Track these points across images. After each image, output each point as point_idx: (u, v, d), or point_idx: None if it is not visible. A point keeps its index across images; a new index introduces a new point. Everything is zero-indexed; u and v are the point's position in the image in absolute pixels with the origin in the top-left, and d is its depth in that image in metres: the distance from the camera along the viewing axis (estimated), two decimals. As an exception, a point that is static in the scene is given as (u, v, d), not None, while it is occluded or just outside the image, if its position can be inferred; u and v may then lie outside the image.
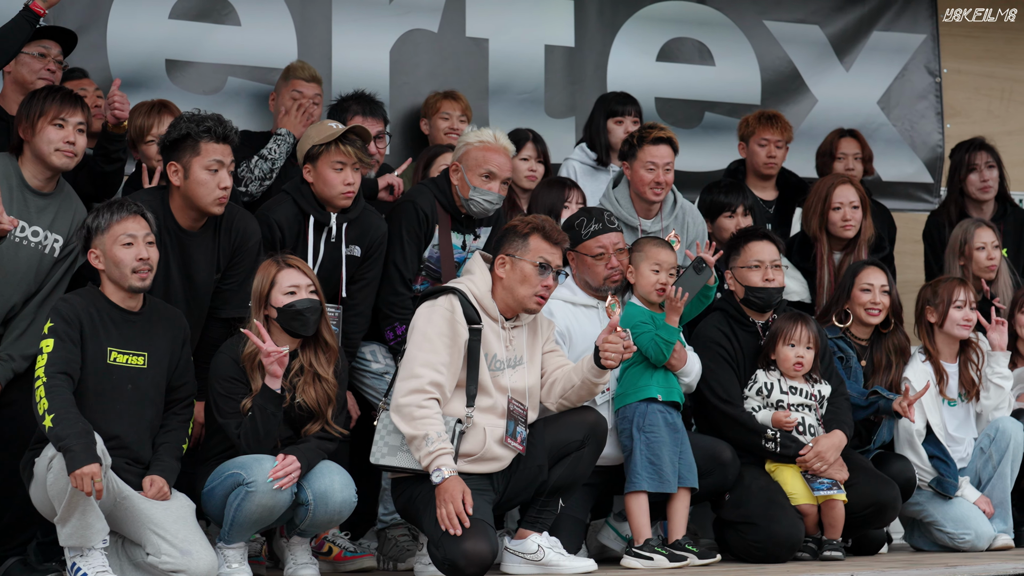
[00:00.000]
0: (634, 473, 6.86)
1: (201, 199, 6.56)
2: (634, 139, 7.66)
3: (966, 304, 7.78)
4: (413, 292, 7.27)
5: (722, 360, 7.29)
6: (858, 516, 7.24)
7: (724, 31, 9.56)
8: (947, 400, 7.79)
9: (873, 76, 9.88)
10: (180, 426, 6.41)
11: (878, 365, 7.71)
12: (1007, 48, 10.27)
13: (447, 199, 7.29)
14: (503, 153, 7.27)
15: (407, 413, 6.35)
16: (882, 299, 7.67)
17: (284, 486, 6.25)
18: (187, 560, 6.06)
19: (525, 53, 9.08)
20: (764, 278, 7.30)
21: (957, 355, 7.85)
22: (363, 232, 7.12)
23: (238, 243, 6.76)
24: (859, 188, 8.31)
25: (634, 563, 6.80)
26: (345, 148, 6.96)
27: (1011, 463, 7.73)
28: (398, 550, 7.25)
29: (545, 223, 6.69)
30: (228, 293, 6.80)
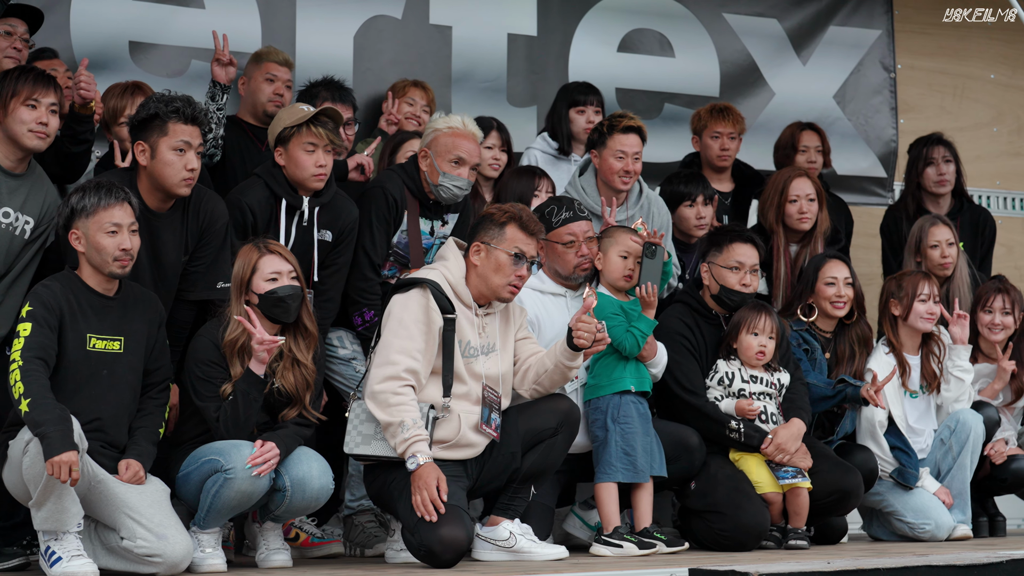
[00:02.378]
0: (608, 464, 6.90)
1: (167, 179, 6.52)
2: (604, 127, 7.69)
3: (930, 298, 7.87)
4: (382, 278, 7.26)
5: (686, 351, 7.34)
6: (821, 504, 7.31)
7: (684, 23, 9.60)
8: (909, 392, 7.88)
9: (829, 70, 9.95)
10: (156, 410, 6.38)
11: (842, 356, 7.79)
12: (960, 45, 10.39)
13: (416, 185, 7.28)
14: (472, 139, 7.27)
15: (383, 400, 6.35)
16: (846, 291, 7.75)
17: (263, 472, 6.24)
18: (162, 544, 6.03)
19: (488, 42, 9.08)
20: (741, 282, 7.36)
21: (919, 348, 7.94)
22: (335, 217, 7.11)
23: (206, 225, 6.72)
24: (815, 181, 8.39)
25: (604, 551, 6.84)
26: (317, 130, 6.94)
27: (970, 455, 7.83)
28: (365, 536, 7.25)
29: (522, 213, 6.71)
30: (195, 275, 6.75)
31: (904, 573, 5.82)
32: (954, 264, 8.41)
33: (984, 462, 8.00)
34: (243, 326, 6.40)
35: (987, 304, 8.22)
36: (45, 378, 5.95)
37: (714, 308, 7.44)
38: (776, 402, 7.31)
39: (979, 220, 9.18)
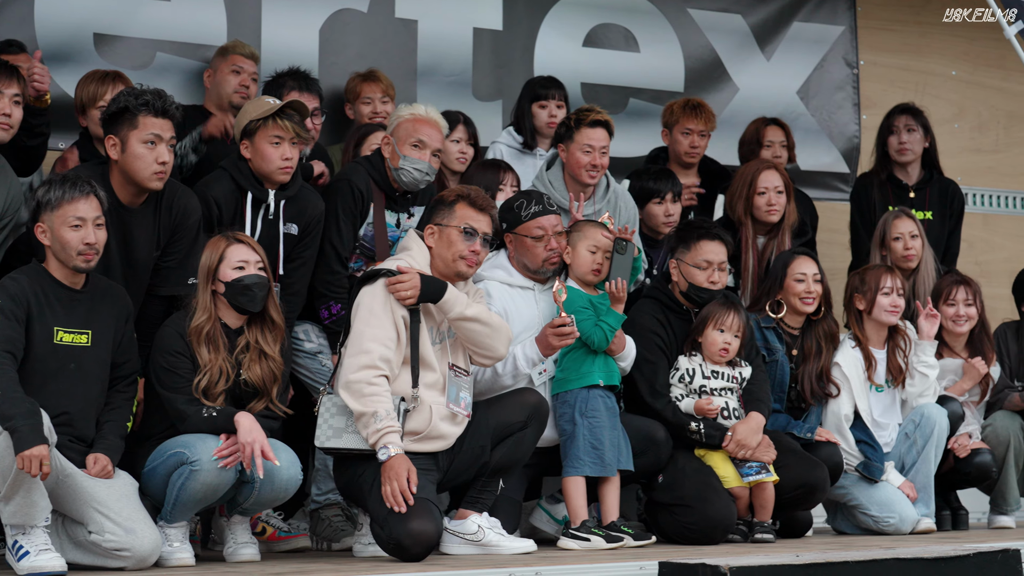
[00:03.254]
0: (576, 458, 6.91)
1: (138, 173, 6.49)
2: (571, 121, 7.69)
3: (893, 291, 7.92)
4: (348, 271, 7.24)
5: (657, 349, 7.34)
6: (787, 497, 7.35)
7: (649, 18, 9.61)
8: (874, 386, 7.92)
9: (793, 66, 9.99)
10: (124, 404, 6.35)
11: (808, 352, 7.82)
12: (922, 42, 10.45)
13: (381, 177, 7.28)
14: (433, 125, 7.29)
15: (356, 390, 6.34)
16: (815, 287, 7.79)
17: (229, 465, 6.22)
18: (131, 538, 6.00)
19: (453, 35, 9.08)
20: (709, 280, 7.37)
21: (885, 341, 7.98)
22: (301, 210, 7.09)
23: (179, 220, 6.69)
24: (783, 174, 8.43)
25: (571, 544, 6.85)
26: (283, 123, 6.92)
27: (935, 449, 7.88)
28: (332, 530, 7.24)
29: (471, 191, 6.77)
30: (167, 271, 6.73)
31: (872, 566, 5.85)
32: (918, 257, 8.46)
33: (948, 456, 8.05)
34: (208, 313, 6.39)
35: (949, 297, 8.28)
36: (13, 371, 5.92)
37: (684, 303, 7.46)
38: (738, 396, 7.33)
39: (948, 192, 9.24)
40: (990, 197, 10.68)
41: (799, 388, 7.79)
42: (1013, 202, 10.75)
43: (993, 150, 10.67)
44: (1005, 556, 6.10)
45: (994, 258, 10.46)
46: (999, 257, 10.50)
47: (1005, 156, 10.73)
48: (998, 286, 9.49)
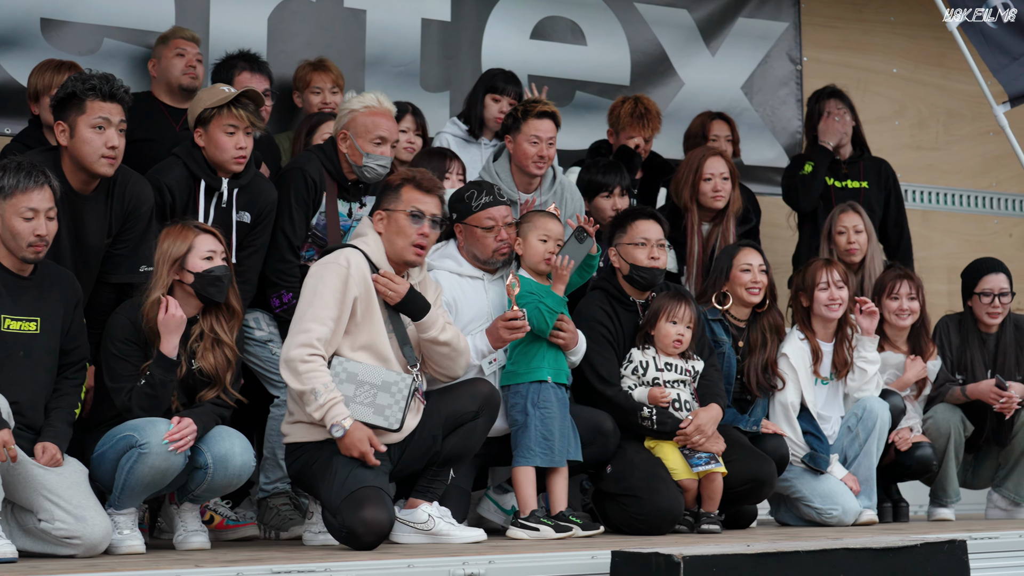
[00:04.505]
0: (526, 448, 6.94)
1: (86, 158, 6.45)
2: (518, 112, 7.72)
3: (830, 285, 7.99)
4: (301, 260, 7.23)
5: (603, 340, 7.38)
6: (735, 492, 7.41)
7: (596, 12, 9.66)
8: (819, 379, 8.00)
9: (737, 62, 10.07)
10: (72, 391, 6.31)
11: (754, 344, 7.89)
12: (864, 39, 10.56)
13: (334, 166, 7.27)
14: (389, 116, 7.30)
15: (293, 368, 6.36)
16: (761, 278, 7.86)
17: (179, 449, 6.20)
18: (80, 526, 5.98)
19: (402, 26, 9.08)
20: (649, 256, 7.41)
21: (834, 334, 8.06)
22: (253, 198, 7.07)
23: (131, 208, 6.66)
24: (729, 161, 8.52)
25: (520, 534, 6.87)
26: (237, 112, 6.91)
27: (876, 441, 7.96)
28: (280, 519, 7.23)
29: (416, 173, 6.78)
30: (119, 258, 6.69)
31: (823, 556, 5.90)
32: (862, 252, 8.54)
33: (889, 449, 8.14)
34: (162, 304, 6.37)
35: (893, 291, 8.36)
36: None
37: (631, 294, 7.50)
38: (690, 389, 7.38)
39: (879, 166, 9.41)
40: (929, 194, 10.81)
41: (745, 380, 7.85)
42: (951, 199, 10.89)
43: (933, 147, 10.81)
44: (952, 547, 6.17)
45: (932, 254, 10.58)
46: (937, 253, 10.64)
47: (944, 153, 10.87)
48: (936, 282, 9.62)
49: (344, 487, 6.31)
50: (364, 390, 6.46)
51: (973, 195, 10.95)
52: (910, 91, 10.74)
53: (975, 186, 10.95)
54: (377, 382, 6.48)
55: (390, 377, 6.50)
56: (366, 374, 6.48)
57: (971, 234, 10.45)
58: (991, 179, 11.00)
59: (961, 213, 10.89)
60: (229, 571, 5.39)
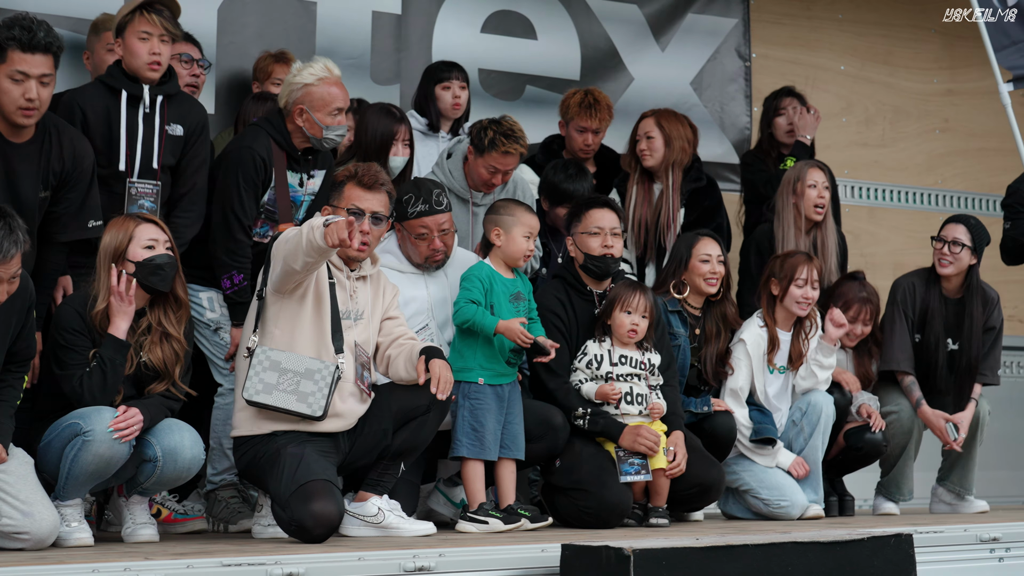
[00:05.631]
0: (456, 439, 6.96)
1: (4, 107, 6.34)
2: (489, 135, 7.67)
3: (807, 283, 8.01)
4: (252, 239, 7.20)
5: (555, 330, 7.39)
6: (681, 495, 7.44)
7: (546, 6, 9.66)
8: (773, 368, 8.03)
9: (687, 57, 10.10)
10: (16, 383, 6.24)
11: (710, 334, 7.94)
12: (812, 36, 10.63)
13: (283, 137, 7.22)
14: (340, 83, 7.27)
15: (286, 239, 6.38)
16: (719, 268, 7.90)
17: (125, 439, 6.16)
18: (28, 521, 5.94)
19: (352, 18, 9.06)
20: (603, 244, 7.43)
21: (792, 325, 8.09)
22: (184, 113, 7.05)
23: (69, 164, 6.56)
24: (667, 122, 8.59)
25: (469, 527, 6.89)
26: (150, 17, 6.87)
27: (822, 435, 8.02)
28: (229, 512, 7.21)
29: (359, 169, 6.80)
30: (66, 216, 6.61)
31: (771, 549, 5.93)
32: (826, 211, 8.54)
33: (836, 440, 8.20)
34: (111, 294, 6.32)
35: (848, 310, 8.34)
36: None
37: (588, 283, 7.51)
38: (646, 383, 7.39)
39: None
40: (875, 190, 10.89)
41: (701, 368, 7.90)
42: (898, 196, 10.97)
43: (879, 144, 10.89)
44: (898, 540, 6.22)
45: (879, 250, 10.67)
46: (884, 250, 10.72)
47: (891, 150, 10.95)
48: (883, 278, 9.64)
49: (293, 480, 6.30)
50: (287, 377, 6.45)
51: (919, 192, 11.03)
52: (857, 88, 10.82)
53: (921, 183, 11.03)
54: (300, 369, 6.47)
55: (313, 365, 6.49)
56: (289, 362, 6.47)
57: (917, 231, 10.50)
58: (937, 176, 11.10)
59: (907, 210, 10.97)
60: (179, 563, 5.38)
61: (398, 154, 7.69)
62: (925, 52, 11.03)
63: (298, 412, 6.43)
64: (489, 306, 7.05)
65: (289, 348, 6.51)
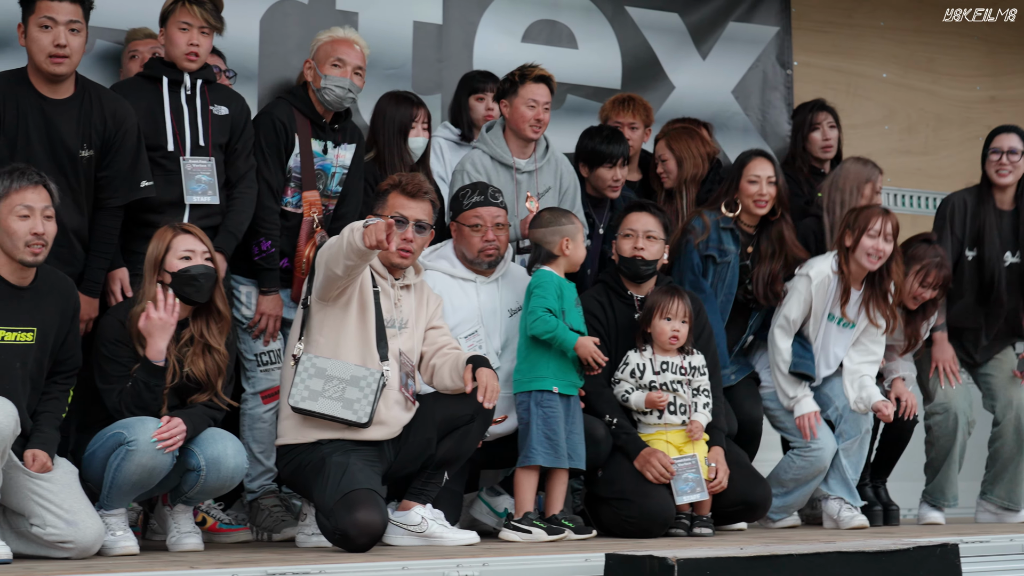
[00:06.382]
0: (530, 448, 6.93)
1: (35, 56, 6.47)
2: (515, 77, 7.83)
3: (880, 235, 7.87)
4: (280, 206, 7.26)
5: (594, 332, 7.30)
6: (727, 511, 7.42)
7: (587, 15, 9.65)
8: (839, 318, 7.96)
9: (728, 66, 10.06)
10: (61, 394, 6.28)
11: (764, 254, 7.95)
12: (853, 44, 10.57)
13: (305, 105, 7.34)
14: (351, 44, 7.39)
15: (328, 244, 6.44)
16: (768, 190, 7.89)
17: (168, 448, 6.19)
18: (72, 530, 5.97)
19: (394, 28, 9.05)
20: (634, 247, 7.42)
21: (862, 283, 7.98)
22: (227, 96, 7.16)
23: (112, 125, 6.63)
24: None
25: (513, 536, 6.88)
26: (191, 8, 6.95)
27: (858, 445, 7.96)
28: (273, 521, 7.22)
29: (403, 178, 6.86)
30: (117, 180, 6.67)
31: (815, 559, 5.92)
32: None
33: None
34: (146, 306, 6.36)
35: (928, 276, 8.20)
36: None
37: (628, 287, 7.52)
38: (689, 389, 7.38)
39: None
40: (918, 198, 10.83)
41: (752, 288, 7.91)
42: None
43: (922, 152, 10.83)
44: (944, 550, 6.20)
45: (921, 259, 10.58)
46: (927, 257, 10.63)
47: (933, 158, 10.89)
48: (925, 285, 9.61)
49: (337, 489, 6.32)
50: (333, 384, 6.48)
51: (961, 200, 10.95)
52: (899, 96, 10.76)
53: (963, 191, 10.96)
54: (346, 376, 6.49)
55: (359, 372, 6.51)
56: (334, 369, 6.49)
57: (960, 238, 10.45)
58: (980, 184, 11.02)
59: (949, 218, 10.90)
60: (224, 572, 5.41)
61: (419, 135, 7.77)
62: (968, 59, 10.97)
63: (344, 419, 6.46)
64: (561, 312, 7.05)
65: (334, 355, 6.54)
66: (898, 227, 7.98)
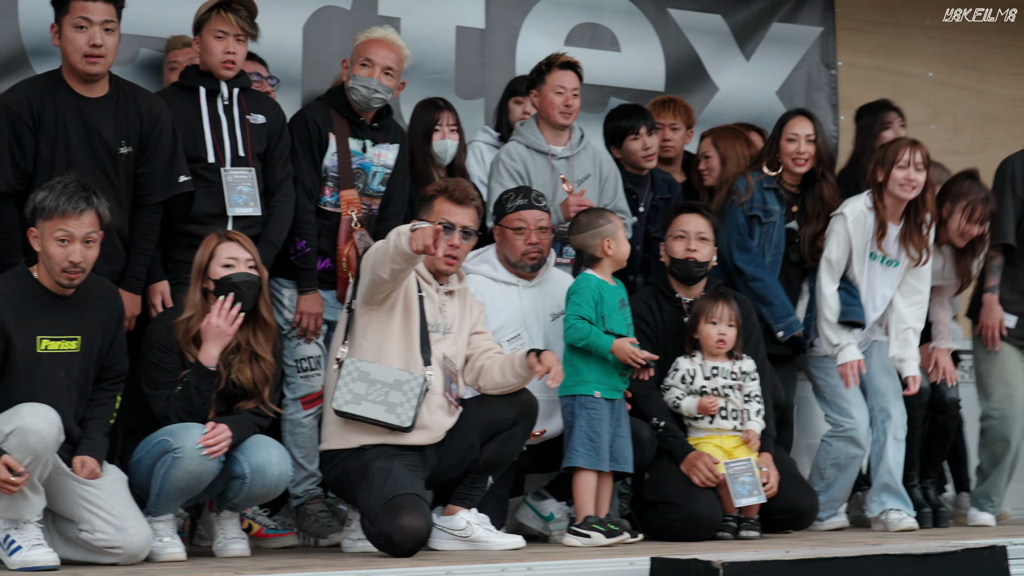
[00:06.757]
0: (572, 450, 6.92)
1: (70, 57, 6.50)
2: (542, 66, 7.85)
3: (910, 164, 7.81)
4: (315, 205, 7.28)
5: (642, 335, 7.31)
6: (774, 518, 7.37)
7: (630, 18, 9.63)
8: (881, 256, 7.91)
9: (772, 67, 10.02)
10: (108, 401, 6.31)
11: (811, 214, 7.93)
12: (899, 43, 10.51)
13: (342, 104, 7.37)
14: (382, 44, 7.38)
15: (375, 248, 6.46)
16: (807, 148, 7.86)
17: (214, 455, 6.21)
18: (121, 536, 6.00)
19: (436, 34, 9.07)
20: (686, 248, 7.41)
21: (902, 216, 7.92)
22: (263, 104, 7.17)
23: (148, 121, 6.66)
24: None
25: (574, 540, 6.85)
26: (227, 16, 6.96)
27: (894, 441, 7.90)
28: (319, 526, 7.23)
29: (449, 184, 6.87)
30: (156, 176, 6.69)
31: (861, 562, 5.90)
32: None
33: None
34: (196, 311, 6.38)
35: (975, 212, 8.16)
36: None
37: (676, 289, 7.50)
38: (740, 394, 7.35)
39: None
40: (966, 198, 10.73)
41: (800, 246, 7.90)
42: (988, 203, 10.82)
43: (969, 151, 10.72)
44: (992, 552, 6.16)
45: (971, 258, 10.51)
46: (975, 257, 10.56)
47: (981, 157, 10.73)
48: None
49: (381, 494, 6.33)
50: (376, 388, 6.49)
51: (1011, 199, 10.88)
52: (946, 95, 10.69)
53: (1012, 190, 10.88)
54: (389, 380, 6.51)
55: (402, 376, 6.52)
56: (378, 373, 6.51)
57: (1009, 237, 10.36)
58: (1028, 183, 10.94)
59: (999, 217, 10.82)
60: (268, 578, 5.43)
61: (445, 137, 7.76)
62: (1015, 57, 10.87)
63: (386, 422, 6.47)
64: (600, 317, 7.02)
65: (378, 359, 6.55)
66: (928, 157, 7.92)
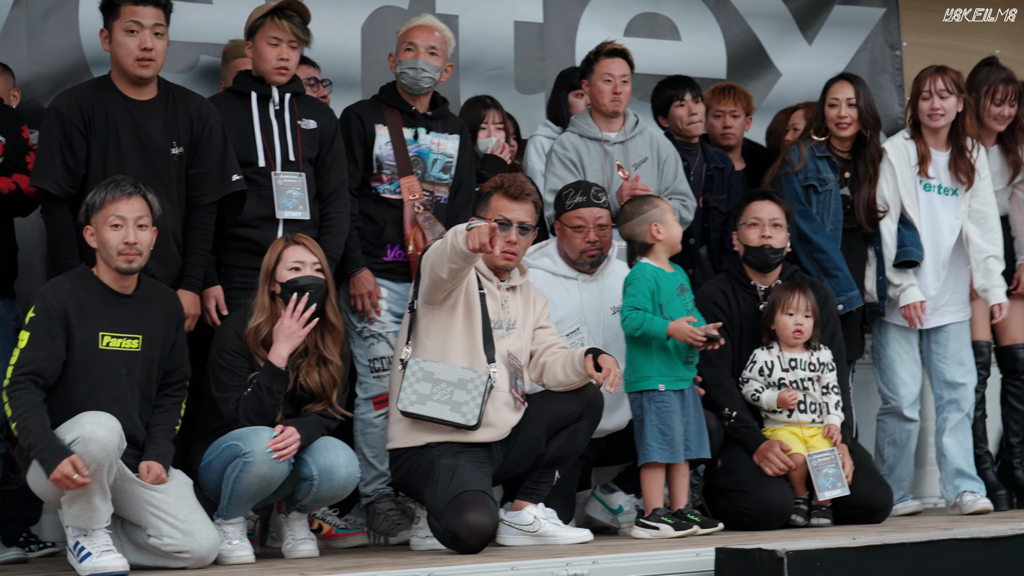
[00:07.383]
0: (646, 445, 6.88)
1: (122, 60, 6.58)
2: (591, 55, 7.90)
3: (933, 95, 7.89)
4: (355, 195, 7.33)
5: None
6: (847, 512, 7.29)
7: (689, 6, 9.58)
8: (938, 185, 7.93)
9: (835, 50, 9.93)
10: (174, 407, 6.36)
11: (862, 177, 7.90)
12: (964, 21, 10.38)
13: (392, 96, 7.48)
14: (422, 28, 7.48)
15: (433, 248, 6.49)
16: (849, 112, 7.85)
17: (283, 457, 6.24)
18: (189, 540, 6.05)
19: (495, 29, 9.07)
20: (761, 235, 7.37)
21: (947, 143, 7.95)
22: (315, 109, 7.23)
23: (198, 123, 6.73)
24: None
25: (643, 533, 6.83)
26: (280, 22, 7.01)
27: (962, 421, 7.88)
28: (388, 524, 7.26)
29: (505, 180, 6.86)
30: (208, 176, 6.76)
31: (929, 547, 5.82)
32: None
33: None
34: (266, 315, 6.42)
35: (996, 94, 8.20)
36: (32, 394, 5.90)
37: (752, 277, 7.46)
38: (819, 386, 7.30)
39: None
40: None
41: (855, 212, 7.88)
42: (1058, 180, 10.67)
43: (1041, 125, 10.59)
44: (1064, 534, 6.06)
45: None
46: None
47: (1051, 131, 10.64)
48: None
49: (447, 491, 6.35)
50: (441, 388, 6.50)
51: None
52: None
53: (1083, 166, 10.71)
54: (453, 379, 6.52)
55: (466, 375, 6.54)
56: (442, 372, 6.52)
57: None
58: (1100, 158, 10.77)
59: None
60: (333, 578, 5.45)
61: (491, 135, 7.84)
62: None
63: (452, 422, 6.48)
64: (658, 306, 6.98)
65: (441, 359, 6.56)
66: (955, 79, 7.95)
